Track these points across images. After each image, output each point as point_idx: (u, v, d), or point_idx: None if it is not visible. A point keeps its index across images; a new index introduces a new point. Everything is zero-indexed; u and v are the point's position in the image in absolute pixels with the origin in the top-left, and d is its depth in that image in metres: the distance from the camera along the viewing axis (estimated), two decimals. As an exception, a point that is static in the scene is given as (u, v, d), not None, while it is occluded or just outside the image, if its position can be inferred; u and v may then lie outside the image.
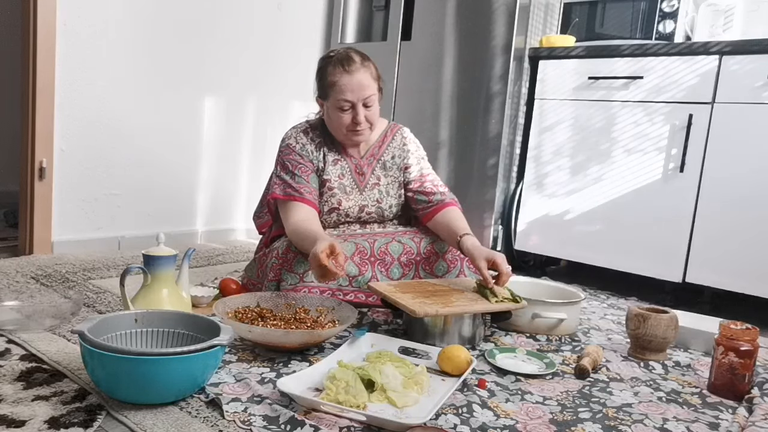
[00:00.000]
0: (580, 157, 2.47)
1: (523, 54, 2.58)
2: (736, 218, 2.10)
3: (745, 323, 1.40)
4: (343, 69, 1.73)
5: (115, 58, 2.41)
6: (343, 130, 1.79)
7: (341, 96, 1.73)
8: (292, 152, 1.83)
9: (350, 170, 1.87)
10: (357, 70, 1.74)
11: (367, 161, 1.90)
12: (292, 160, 1.81)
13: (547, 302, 1.73)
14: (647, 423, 1.20)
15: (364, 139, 1.84)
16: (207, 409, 1.12)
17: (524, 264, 2.75)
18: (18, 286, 1.81)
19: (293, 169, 1.80)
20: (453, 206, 1.88)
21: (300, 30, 3.12)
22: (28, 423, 1.03)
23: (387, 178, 1.91)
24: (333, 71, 1.75)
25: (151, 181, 2.61)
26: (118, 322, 1.25)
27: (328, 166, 1.85)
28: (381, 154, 1.92)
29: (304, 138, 1.86)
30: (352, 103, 1.74)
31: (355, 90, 1.73)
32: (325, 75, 1.77)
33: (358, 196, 1.87)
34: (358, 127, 1.77)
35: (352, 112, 1.75)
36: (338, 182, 1.85)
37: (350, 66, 1.73)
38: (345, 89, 1.73)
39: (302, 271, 1.70)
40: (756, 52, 2.06)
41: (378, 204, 1.90)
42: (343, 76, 1.73)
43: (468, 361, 1.33)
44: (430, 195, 1.90)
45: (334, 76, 1.74)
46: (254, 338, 1.39)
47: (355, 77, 1.73)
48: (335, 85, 1.74)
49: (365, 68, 1.76)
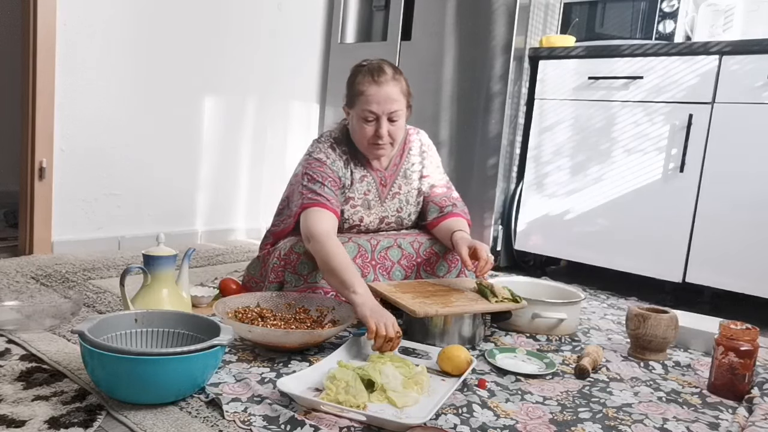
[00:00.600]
0: (580, 157, 2.47)
1: (523, 54, 2.58)
2: (736, 218, 2.10)
3: (745, 323, 1.40)
4: (372, 79, 1.68)
5: (115, 58, 2.41)
6: (364, 142, 1.74)
7: (367, 107, 1.68)
8: (323, 165, 1.75)
9: (376, 184, 1.84)
10: (386, 83, 1.68)
11: (389, 172, 1.86)
12: (321, 173, 1.74)
13: (547, 302, 1.73)
14: (647, 423, 1.20)
15: (384, 154, 1.78)
16: (207, 409, 1.12)
17: (524, 264, 2.75)
18: (18, 286, 1.81)
19: (323, 180, 1.73)
20: (460, 216, 1.87)
21: (300, 30, 3.12)
22: (28, 423, 1.03)
23: (407, 186, 1.89)
24: (362, 80, 1.70)
25: (151, 181, 2.61)
26: (118, 322, 1.25)
27: (355, 183, 1.81)
28: (402, 163, 1.89)
29: (333, 154, 1.78)
30: (377, 115, 1.68)
31: (381, 102, 1.67)
32: (354, 83, 1.72)
33: (379, 208, 1.85)
34: (380, 141, 1.71)
35: (375, 125, 1.70)
36: (363, 198, 1.82)
37: (380, 77, 1.68)
38: (371, 100, 1.67)
39: (306, 273, 1.70)
40: (756, 52, 2.06)
41: (398, 213, 1.89)
42: (371, 86, 1.68)
43: (468, 361, 1.33)
44: (443, 206, 1.89)
45: (362, 85, 1.69)
46: (254, 338, 1.39)
47: (384, 89, 1.67)
48: (362, 95, 1.69)
49: (395, 82, 1.70)
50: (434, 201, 1.90)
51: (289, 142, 3.14)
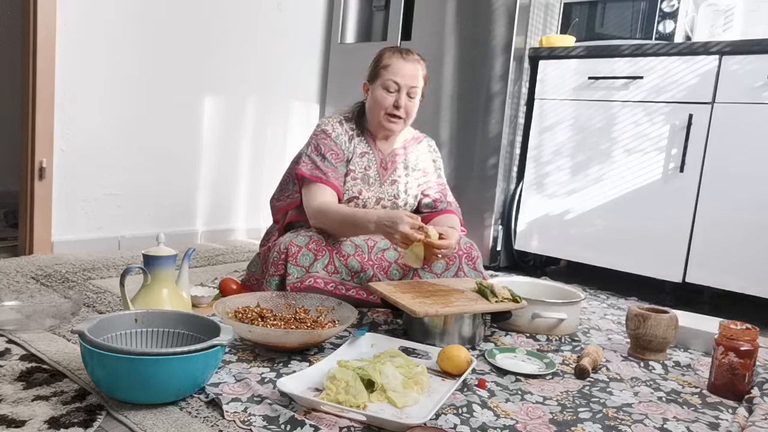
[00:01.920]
0: (580, 157, 2.47)
1: (523, 54, 2.58)
2: (736, 218, 2.11)
3: (745, 323, 1.40)
4: (401, 55, 1.83)
5: (116, 58, 2.41)
6: (381, 111, 1.84)
7: (391, 76, 1.81)
8: (327, 137, 1.88)
9: (376, 163, 1.92)
10: (413, 61, 1.84)
11: (391, 158, 1.95)
12: (326, 144, 1.87)
13: (547, 302, 1.73)
14: (647, 423, 1.20)
15: (396, 129, 1.89)
16: (207, 409, 1.12)
17: (524, 264, 2.75)
18: (18, 286, 1.81)
19: (325, 152, 1.85)
20: (453, 214, 1.96)
21: (300, 30, 3.12)
22: (28, 423, 1.03)
23: (407, 177, 1.97)
24: (391, 55, 1.84)
25: (151, 181, 2.61)
26: (118, 322, 1.25)
27: (356, 157, 1.90)
28: (406, 154, 1.98)
29: (339, 128, 1.90)
30: (399, 86, 1.81)
31: (406, 75, 1.81)
32: (381, 58, 1.86)
33: (378, 188, 1.92)
34: (397, 111, 1.83)
35: (396, 95, 1.82)
36: (363, 173, 1.90)
37: (408, 55, 1.84)
38: (397, 72, 1.81)
39: (308, 264, 1.71)
40: (756, 52, 2.06)
41: (394, 200, 1.94)
42: (399, 60, 1.82)
43: (468, 361, 1.33)
44: (437, 202, 1.98)
45: (390, 59, 1.83)
46: (254, 338, 1.39)
47: (410, 65, 1.82)
48: (389, 67, 1.82)
49: (419, 63, 1.86)
50: (429, 196, 1.99)
51: (289, 142, 3.14)
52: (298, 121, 3.19)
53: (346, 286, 1.74)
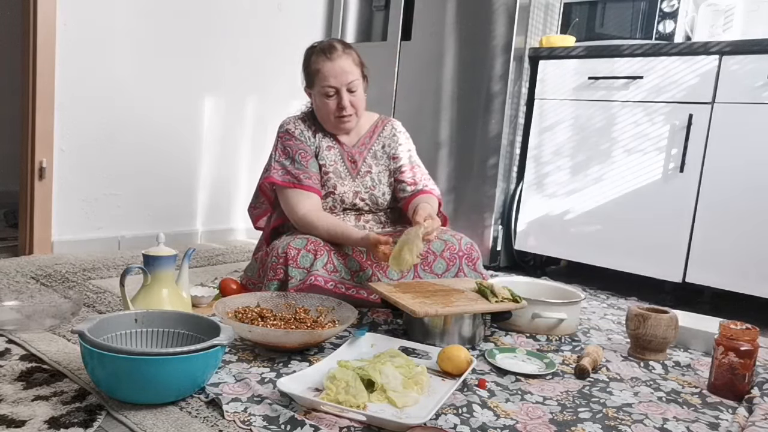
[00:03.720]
0: (580, 157, 2.47)
1: (523, 54, 2.58)
2: (736, 218, 2.10)
3: (745, 323, 1.40)
4: (325, 56, 1.82)
5: (115, 58, 2.41)
6: (330, 117, 1.85)
7: (325, 82, 1.81)
8: (291, 138, 1.88)
9: (342, 158, 1.92)
10: (339, 57, 1.81)
11: (358, 150, 1.95)
12: (291, 146, 1.87)
13: (547, 302, 1.73)
14: (647, 423, 1.20)
15: (351, 126, 1.89)
16: (207, 409, 1.12)
17: (524, 264, 2.75)
18: (18, 286, 1.81)
19: (293, 154, 1.86)
20: (429, 194, 1.94)
21: (300, 30, 3.12)
22: (28, 423, 1.03)
23: (378, 167, 1.96)
24: (316, 60, 1.83)
25: (151, 181, 2.61)
26: (118, 322, 1.25)
27: (323, 151, 1.90)
28: (372, 144, 1.97)
29: (302, 125, 1.92)
30: (336, 88, 1.81)
31: (338, 75, 1.80)
32: (310, 64, 1.86)
33: (351, 182, 1.92)
34: (344, 112, 1.83)
35: (337, 98, 1.82)
36: (333, 167, 1.90)
37: (332, 53, 1.82)
38: (328, 75, 1.80)
39: (308, 265, 1.71)
40: (756, 52, 2.05)
41: (371, 191, 1.94)
42: (326, 63, 1.81)
43: (468, 361, 1.33)
44: (412, 185, 1.96)
45: (317, 63, 1.82)
46: (254, 338, 1.39)
47: (337, 63, 1.80)
48: (319, 73, 1.82)
49: (347, 55, 1.83)
50: (405, 181, 1.97)
51: (289, 142, 3.14)
52: (298, 119, 3.18)
53: (346, 284, 1.74)
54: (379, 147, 1.98)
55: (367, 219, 1.95)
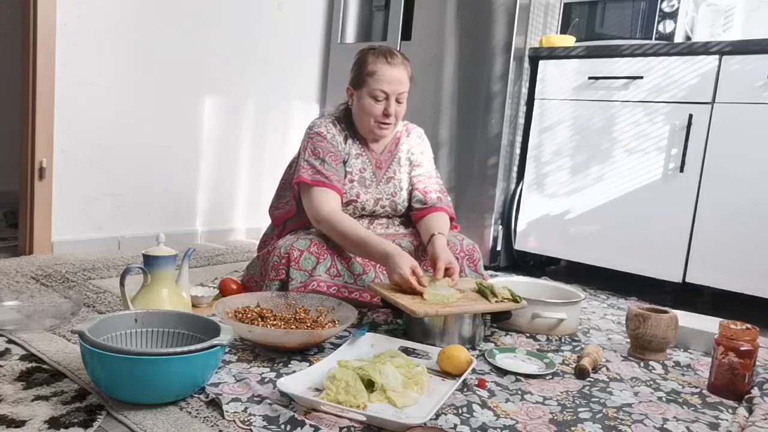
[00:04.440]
0: (580, 157, 2.47)
1: (523, 54, 2.58)
2: (736, 218, 2.10)
3: (745, 323, 1.40)
4: (386, 61, 1.78)
5: (115, 58, 2.41)
6: (371, 120, 1.82)
7: (379, 86, 1.77)
8: (324, 140, 1.84)
9: (371, 164, 1.90)
10: (398, 65, 1.79)
11: (385, 157, 1.93)
12: (323, 147, 1.83)
13: (547, 302, 1.73)
14: (647, 423, 1.20)
15: (387, 134, 1.87)
16: (207, 409, 1.12)
17: (524, 264, 2.75)
18: (18, 286, 1.81)
19: (324, 155, 1.82)
20: (442, 212, 1.91)
21: (300, 30, 3.12)
22: (28, 423, 1.03)
23: (401, 173, 1.95)
24: (375, 61, 1.79)
25: (151, 181, 2.61)
26: (118, 322, 1.25)
27: (351, 159, 1.88)
28: (397, 150, 1.96)
29: (333, 128, 1.88)
30: (387, 94, 1.78)
31: (393, 82, 1.77)
32: (365, 64, 1.81)
33: (375, 189, 1.90)
34: (388, 119, 1.81)
35: (384, 104, 1.79)
36: (359, 175, 1.88)
37: (393, 59, 1.79)
38: (384, 80, 1.77)
39: (311, 268, 1.70)
40: (756, 52, 2.06)
41: (392, 198, 1.93)
42: (384, 66, 1.78)
43: (468, 361, 1.33)
44: (427, 196, 1.94)
45: (375, 65, 1.79)
46: (254, 338, 1.39)
47: (396, 71, 1.78)
48: (375, 74, 1.78)
49: (404, 66, 1.81)
50: (419, 189, 1.95)
51: (289, 142, 3.14)
52: (298, 121, 3.18)
53: (349, 289, 1.73)
54: (405, 153, 1.96)
55: (380, 222, 1.95)
